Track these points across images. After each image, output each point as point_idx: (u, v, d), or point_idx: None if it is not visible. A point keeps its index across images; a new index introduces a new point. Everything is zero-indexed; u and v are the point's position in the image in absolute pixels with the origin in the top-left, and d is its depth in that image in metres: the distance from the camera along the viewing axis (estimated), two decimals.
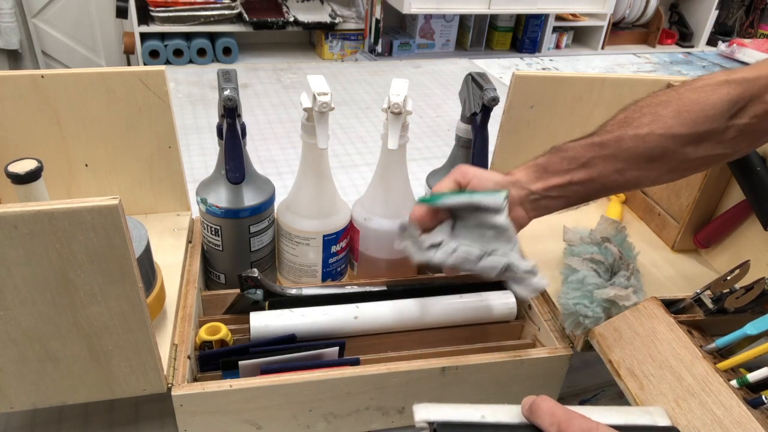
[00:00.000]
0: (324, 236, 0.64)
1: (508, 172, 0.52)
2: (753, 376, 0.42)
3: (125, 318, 0.43)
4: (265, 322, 0.56)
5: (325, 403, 0.52)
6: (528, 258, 0.51)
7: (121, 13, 2.23)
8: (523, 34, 2.90)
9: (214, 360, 0.54)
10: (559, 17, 2.85)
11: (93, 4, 2.35)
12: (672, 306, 0.50)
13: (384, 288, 0.63)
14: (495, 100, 0.60)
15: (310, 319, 0.57)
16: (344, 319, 0.58)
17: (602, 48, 2.99)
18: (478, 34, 2.89)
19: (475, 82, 0.63)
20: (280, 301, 0.59)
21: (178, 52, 2.38)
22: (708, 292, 0.50)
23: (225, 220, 0.61)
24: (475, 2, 2.60)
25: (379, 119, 1.29)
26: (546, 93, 0.69)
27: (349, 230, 0.68)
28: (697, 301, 0.50)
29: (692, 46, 3.15)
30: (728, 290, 0.48)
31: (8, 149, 0.61)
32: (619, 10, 2.97)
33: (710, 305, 0.49)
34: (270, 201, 0.63)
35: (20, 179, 0.50)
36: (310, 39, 2.84)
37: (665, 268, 0.70)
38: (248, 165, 0.61)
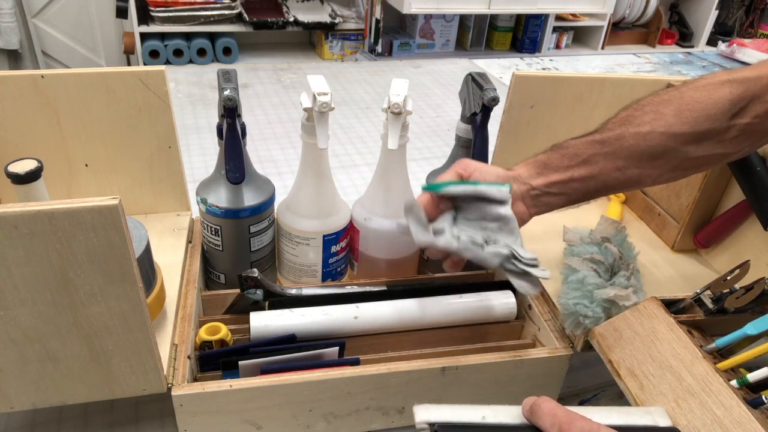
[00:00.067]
0: (324, 236, 0.64)
1: (509, 167, 0.52)
2: (753, 376, 0.42)
3: (125, 318, 0.43)
4: (265, 322, 0.56)
5: (325, 403, 0.52)
6: (535, 285, 0.51)
7: (121, 13, 2.23)
8: (523, 34, 2.90)
9: (214, 360, 0.54)
10: (559, 17, 2.85)
11: (93, 4, 2.35)
12: (672, 306, 0.50)
13: (384, 288, 0.63)
14: (495, 100, 0.60)
15: (310, 319, 0.57)
16: (344, 319, 0.58)
17: (602, 48, 3.00)
18: (478, 34, 2.89)
19: (475, 82, 0.63)
20: (280, 301, 0.59)
21: (178, 52, 2.38)
22: (708, 292, 0.50)
23: (225, 220, 0.61)
24: (475, 2, 2.60)
25: (379, 119, 1.29)
26: (546, 93, 0.69)
27: (349, 230, 0.68)
28: (697, 301, 0.50)
29: (692, 46, 3.15)
30: (728, 290, 0.48)
31: (8, 149, 0.61)
32: (619, 10, 2.97)
33: (710, 305, 0.49)
34: (270, 201, 0.63)
35: (20, 179, 0.50)
36: (310, 39, 2.84)
37: (665, 268, 0.70)
38: (248, 165, 0.61)
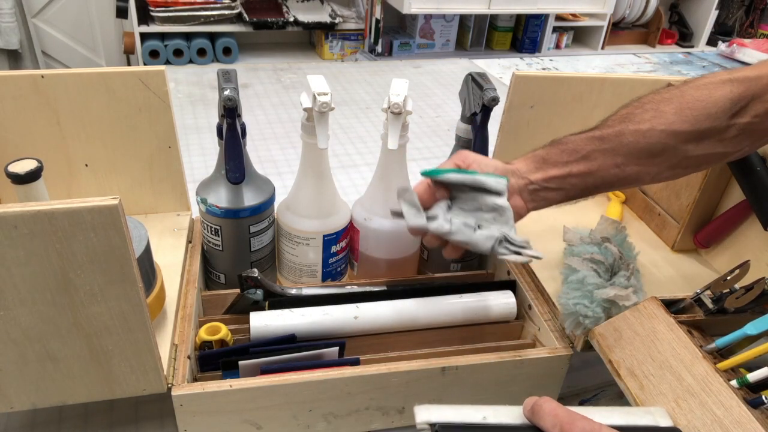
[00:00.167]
0: (324, 236, 0.64)
1: (507, 161, 0.52)
2: (753, 376, 0.42)
3: (125, 318, 0.43)
4: (265, 322, 0.56)
5: (325, 403, 0.52)
6: (532, 253, 0.51)
7: (121, 13, 2.23)
8: (523, 34, 2.90)
9: (214, 360, 0.54)
10: (559, 17, 2.85)
11: (93, 4, 2.35)
12: (672, 306, 0.50)
13: (384, 288, 0.63)
14: (495, 100, 0.60)
15: (310, 319, 0.57)
16: (344, 319, 0.58)
17: (602, 48, 2.99)
18: (478, 34, 2.89)
19: (475, 82, 0.63)
20: (280, 301, 0.59)
21: (178, 52, 2.38)
22: (708, 292, 0.50)
23: (225, 220, 0.61)
24: (475, 2, 2.60)
25: (379, 119, 1.29)
26: (546, 93, 0.69)
27: (349, 230, 0.68)
28: (697, 301, 0.50)
29: (692, 46, 3.15)
30: (728, 290, 0.48)
31: (8, 149, 0.61)
32: (619, 10, 2.97)
33: (710, 305, 0.49)
34: (270, 201, 0.63)
35: (20, 179, 0.50)
36: (310, 39, 2.84)
37: (665, 268, 0.70)
38: (248, 165, 0.61)
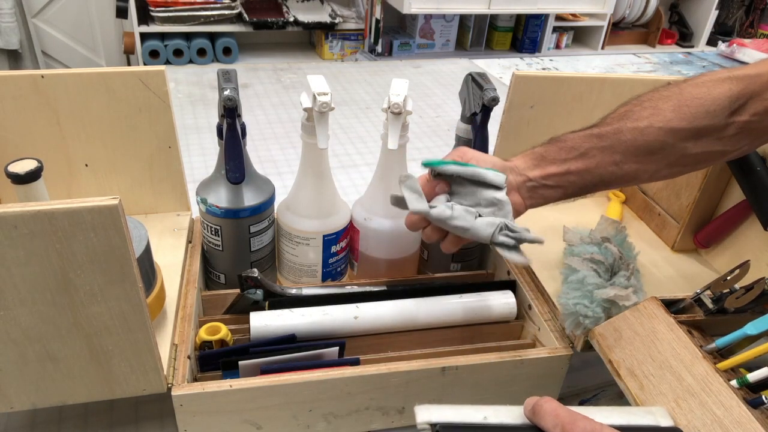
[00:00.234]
0: (324, 236, 0.64)
1: (506, 159, 0.52)
2: (753, 376, 0.42)
3: (125, 318, 0.43)
4: (265, 322, 0.56)
5: (325, 403, 0.52)
6: (526, 257, 0.51)
7: (121, 13, 2.23)
8: (523, 34, 2.90)
9: (214, 360, 0.54)
10: (559, 17, 2.85)
11: (93, 4, 2.35)
12: (672, 306, 0.50)
13: (384, 288, 0.63)
14: (495, 100, 0.60)
15: (310, 319, 0.57)
16: (344, 319, 0.58)
17: (602, 48, 2.99)
18: (478, 34, 2.89)
19: (475, 82, 0.63)
20: (280, 301, 0.59)
21: (178, 52, 2.38)
22: (708, 292, 0.50)
23: (225, 220, 0.61)
24: (475, 2, 2.60)
25: (379, 119, 1.29)
26: (546, 93, 0.69)
27: (349, 230, 0.68)
28: (697, 301, 0.50)
29: (692, 46, 3.15)
30: (728, 290, 0.48)
31: (8, 149, 0.61)
32: (619, 10, 2.97)
33: (710, 305, 0.49)
34: (270, 201, 0.63)
35: (20, 179, 0.50)
36: (310, 39, 2.84)
37: (665, 268, 0.70)
38: (248, 165, 0.61)
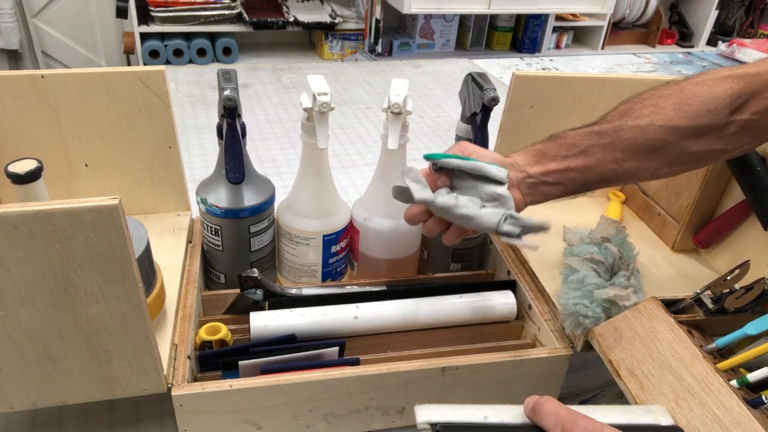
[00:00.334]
0: (324, 236, 0.64)
1: (506, 155, 0.52)
2: (753, 376, 0.42)
3: (125, 318, 0.43)
4: (265, 322, 0.56)
5: (325, 403, 0.52)
6: (533, 242, 0.50)
7: (121, 13, 2.23)
8: (523, 34, 2.90)
9: (214, 360, 0.54)
10: (559, 17, 2.85)
11: (93, 4, 2.35)
12: (672, 306, 0.50)
13: (384, 288, 0.63)
14: (495, 100, 0.60)
15: (310, 319, 0.57)
16: (344, 319, 0.58)
17: (602, 48, 2.99)
18: (478, 34, 2.89)
19: (475, 82, 0.63)
20: (280, 301, 0.59)
21: (178, 52, 2.38)
22: (708, 292, 0.50)
23: (225, 220, 0.61)
24: (475, 2, 2.60)
25: (379, 119, 1.29)
26: (546, 93, 0.69)
27: (349, 230, 0.68)
28: (697, 301, 0.50)
29: (692, 46, 3.15)
30: (728, 290, 0.48)
31: (8, 149, 0.61)
32: (619, 10, 2.97)
33: (710, 305, 0.49)
34: (270, 201, 0.63)
35: (20, 179, 0.50)
36: (310, 39, 2.84)
37: (665, 268, 0.70)
38: (248, 165, 0.61)
